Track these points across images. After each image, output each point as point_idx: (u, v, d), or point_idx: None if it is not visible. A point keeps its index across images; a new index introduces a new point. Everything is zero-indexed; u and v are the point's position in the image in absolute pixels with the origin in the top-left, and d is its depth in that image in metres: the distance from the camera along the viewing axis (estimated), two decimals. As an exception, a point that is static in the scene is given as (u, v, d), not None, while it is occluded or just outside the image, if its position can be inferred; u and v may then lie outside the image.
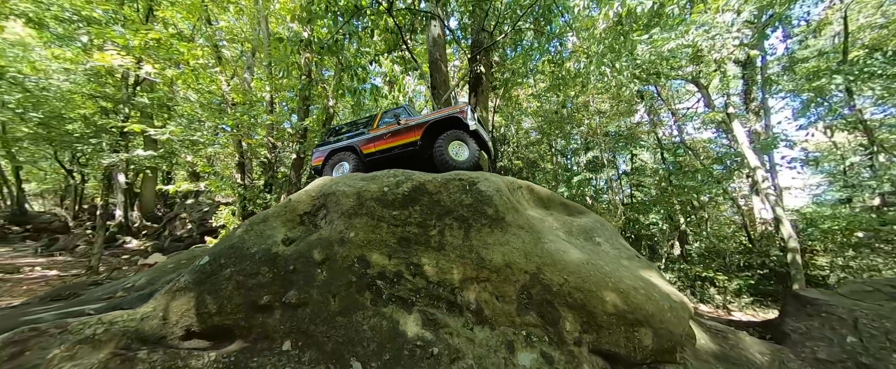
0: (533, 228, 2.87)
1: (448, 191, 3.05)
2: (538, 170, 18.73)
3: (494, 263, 2.65)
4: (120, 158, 9.49)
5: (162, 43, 8.80)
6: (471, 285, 2.64)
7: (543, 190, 3.78)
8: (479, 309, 2.57)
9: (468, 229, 2.85)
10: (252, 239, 2.98)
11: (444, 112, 4.28)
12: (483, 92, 7.61)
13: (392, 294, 2.61)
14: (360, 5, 5.13)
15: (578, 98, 12.50)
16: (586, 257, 2.67)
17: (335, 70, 7.30)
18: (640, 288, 2.55)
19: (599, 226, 3.42)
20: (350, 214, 2.93)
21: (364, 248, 2.77)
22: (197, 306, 2.53)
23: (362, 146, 4.36)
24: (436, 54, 6.76)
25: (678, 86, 17.53)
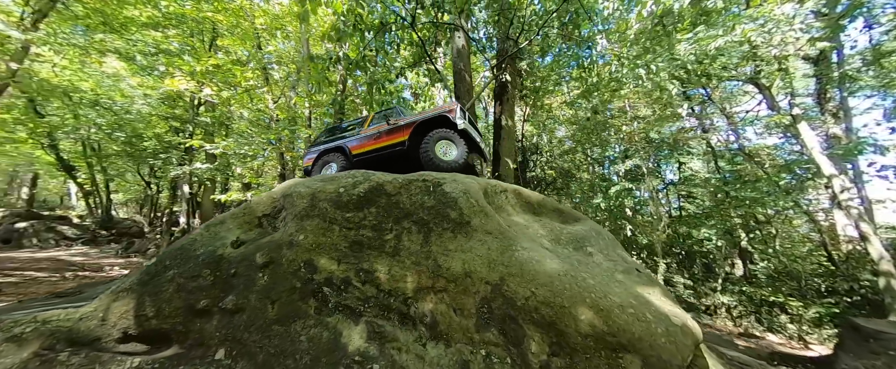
0: (504, 234, 2.59)
1: (409, 193, 2.85)
2: (573, 180, 17.88)
3: (453, 272, 2.39)
4: (184, 171, 10.73)
5: (220, 68, 9.95)
6: (426, 295, 2.39)
7: (534, 194, 3.50)
8: (434, 323, 2.29)
9: (428, 234, 2.63)
10: (203, 240, 2.88)
11: (432, 111, 4.19)
12: (508, 100, 7.49)
13: (339, 302, 2.41)
14: (385, 21, 5.38)
15: (613, 103, 11.83)
16: (566, 268, 2.35)
17: (365, 84, 7.68)
18: (629, 307, 2.18)
19: (594, 235, 3.06)
20: (302, 216, 2.78)
21: (312, 252, 2.59)
22: (136, 308, 2.43)
23: (352, 147, 4.31)
24: (460, 65, 6.82)
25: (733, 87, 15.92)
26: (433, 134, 3.93)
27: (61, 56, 11.09)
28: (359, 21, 5.32)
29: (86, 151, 12.21)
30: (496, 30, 7.56)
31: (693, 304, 10.26)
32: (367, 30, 5.38)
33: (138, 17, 10.97)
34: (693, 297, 10.71)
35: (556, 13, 6.43)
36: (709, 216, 10.42)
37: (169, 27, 11.77)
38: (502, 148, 7.35)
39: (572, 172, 18.24)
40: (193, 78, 9.24)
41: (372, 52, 6.16)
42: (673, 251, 12.89)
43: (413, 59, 6.96)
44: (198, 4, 11.12)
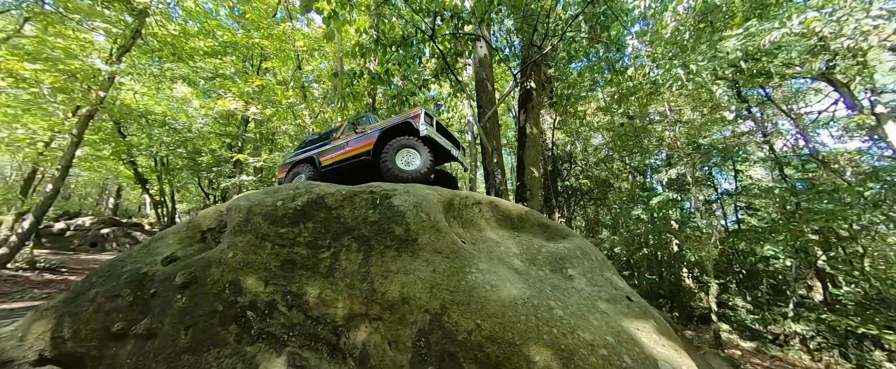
0: (457, 254, 2.24)
1: (352, 206, 2.56)
2: (611, 189, 16.77)
3: (389, 297, 2.06)
4: (233, 182, 11.78)
5: (265, 88, 10.92)
6: (360, 324, 2.08)
7: (515, 207, 3.15)
8: (365, 357, 1.96)
9: (368, 252, 2.33)
10: (136, 256, 2.68)
11: (396, 118, 3.93)
12: (534, 108, 7.28)
13: (262, 329, 2.15)
14: (406, 35, 5.55)
15: (653, 107, 11.01)
16: (529, 294, 1.99)
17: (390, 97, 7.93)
18: (603, 347, 1.76)
19: (579, 255, 2.64)
20: (235, 231, 2.56)
21: (239, 272, 2.34)
22: (54, 329, 2.27)
23: (321, 157, 4.16)
24: (482, 74, 6.79)
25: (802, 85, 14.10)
26: (393, 142, 3.66)
27: (140, 84, 12.89)
28: (381, 36, 5.55)
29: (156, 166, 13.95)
30: (520, 37, 7.46)
31: (758, 332, 8.93)
32: (389, 44, 5.58)
33: (201, 47, 12.49)
34: (758, 324, 9.33)
35: (583, 16, 6.19)
36: (774, 230, 9.13)
37: (225, 54, 13.26)
38: (527, 157, 7.11)
39: (610, 182, 17.14)
40: (242, 98, 10.21)
41: (395, 66, 6.34)
42: (732, 269, 11.44)
43: (436, 70, 7.07)
44: (248, 33, 12.40)
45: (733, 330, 9.11)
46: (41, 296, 6.05)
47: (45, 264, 8.70)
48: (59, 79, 8.46)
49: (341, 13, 4.49)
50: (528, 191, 6.69)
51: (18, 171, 12.54)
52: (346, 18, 4.70)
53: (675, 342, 2.05)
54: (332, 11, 4.34)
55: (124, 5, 8.24)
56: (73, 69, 8.78)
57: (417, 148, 3.68)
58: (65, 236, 15.29)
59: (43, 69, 8.08)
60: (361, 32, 5.29)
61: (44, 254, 10.47)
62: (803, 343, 7.86)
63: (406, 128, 3.82)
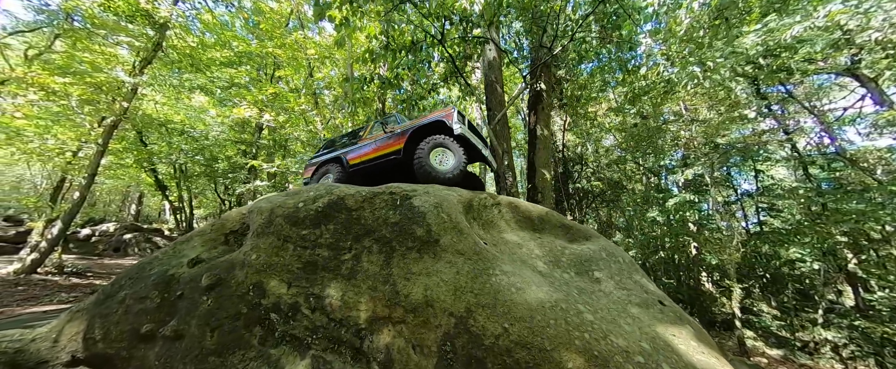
0: (480, 255, 2.18)
1: (373, 208, 2.53)
2: (625, 191, 16.42)
3: (412, 300, 2.01)
4: (248, 188, 12.06)
5: (278, 96, 11.19)
6: (383, 327, 2.03)
7: (535, 208, 3.04)
8: (389, 361, 1.91)
9: (390, 254, 2.28)
10: (162, 259, 2.71)
11: (428, 117, 3.86)
12: (544, 109, 7.22)
13: (285, 331, 2.13)
14: (416, 40, 5.60)
15: (668, 106, 10.75)
16: (556, 298, 1.92)
17: (399, 101, 7.99)
18: (638, 354, 1.67)
19: (605, 257, 2.53)
20: (258, 233, 2.56)
21: (262, 274, 2.33)
22: (86, 330, 2.32)
23: (349, 157, 4.11)
24: (491, 77, 6.78)
25: (826, 81, 13.55)
26: (428, 141, 3.56)
27: (161, 94, 13.41)
28: (391, 42, 5.61)
29: (176, 173, 14.44)
30: (529, 39, 7.43)
31: (785, 339, 8.52)
32: (398, 50, 5.64)
33: (218, 57, 12.93)
34: (785, 330, 8.91)
35: (594, 16, 6.12)
36: (799, 232, 8.74)
37: (241, 64, 13.69)
38: (538, 158, 7.04)
39: (623, 183, 16.79)
40: (256, 106, 10.49)
41: (405, 71, 6.40)
42: (755, 273, 10.99)
43: (445, 73, 7.10)
44: (262, 43, 12.77)
45: (758, 336, 8.72)
46: (68, 300, 6.30)
47: (73, 268, 9.07)
48: (87, 91, 8.89)
49: (353, 20, 4.58)
50: (539, 193, 6.61)
51: (48, 180, 13.19)
52: (356, 25, 4.78)
53: (715, 350, 1.94)
54: (344, 18, 4.43)
55: (146, 20, 8.60)
56: (98, 82, 9.21)
57: (451, 147, 3.61)
58: (90, 241, 15.92)
59: (71, 82, 8.50)
60: (372, 38, 5.37)
61: (71, 259, 10.92)
62: (835, 350, 7.46)
63: (438, 126, 3.75)
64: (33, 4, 10.44)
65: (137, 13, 8.50)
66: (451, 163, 3.57)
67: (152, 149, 12.85)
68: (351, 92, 5.96)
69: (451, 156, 3.59)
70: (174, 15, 10.52)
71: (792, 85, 11.93)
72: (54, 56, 9.88)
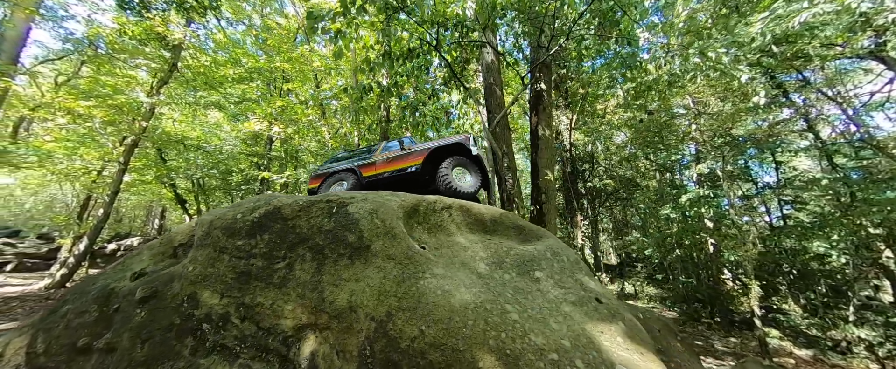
0: (412, 259, 2.23)
1: (309, 216, 2.57)
2: (638, 189, 16.00)
3: (337, 306, 2.05)
4: (260, 199, 12.42)
5: (286, 109, 11.54)
6: (309, 334, 2.08)
7: (491, 210, 3.09)
8: (313, 368, 1.95)
9: (322, 261, 2.32)
10: (109, 273, 2.76)
11: (447, 139, 4.27)
12: (545, 110, 7.16)
13: (216, 341, 2.16)
14: (412, 47, 5.69)
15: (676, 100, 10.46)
16: (483, 299, 1.95)
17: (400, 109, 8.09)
18: (553, 351, 1.72)
19: (549, 257, 2.58)
20: (197, 245, 2.60)
21: (197, 285, 2.37)
22: (29, 344, 2.36)
23: (363, 169, 4.43)
24: (490, 80, 6.79)
25: (851, 65, 12.91)
26: (451, 160, 3.96)
27: (178, 112, 14.04)
28: (387, 50, 5.72)
29: (194, 187, 15.02)
30: (527, 40, 7.42)
31: (815, 338, 8.04)
32: (396, 57, 5.75)
33: (230, 74, 13.48)
34: (815, 329, 8.41)
35: (591, 12, 6.07)
36: (824, 225, 8.31)
37: (251, 80, 14.21)
38: (541, 159, 6.98)
39: (636, 181, 16.38)
40: (266, 119, 10.85)
41: (404, 78, 6.50)
42: (780, 269, 10.45)
43: (445, 78, 7.16)
44: (270, 58, 13.23)
45: (785, 336, 8.27)
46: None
47: (99, 281, 9.52)
48: (109, 113, 9.42)
49: (347, 30, 4.71)
50: (543, 194, 6.53)
51: (77, 199, 13.99)
52: (351, 36, 4.91)
53: (644, 346, 1.97)
54: (338, 31, 4.56)
55: (158, 43, 9.05)
56: (119, 103, 9.75)
57: (469, 167, 4.05)
58: (116, 256, 16.69)
59: (95, 105, 9.03)
60: (368, 48, 5.49)
61: (98, 273, 11.46)
62: (870, 349, 6.99)
63: (457, 148, 4.13)
64: (61, 34, 11.18)
65: (150, 37, 8.97)
66: (469, 181, 3.99)
67: (171, 165, 13.44)
68: (351, 100, 6.08)
69: (469, 175, 4.03)
70: (188, 36, 11.06)
71: (811, 71, 11.42)
72: (79, 81, 10.52)
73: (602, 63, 9.91)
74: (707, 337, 8.74)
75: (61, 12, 10.79)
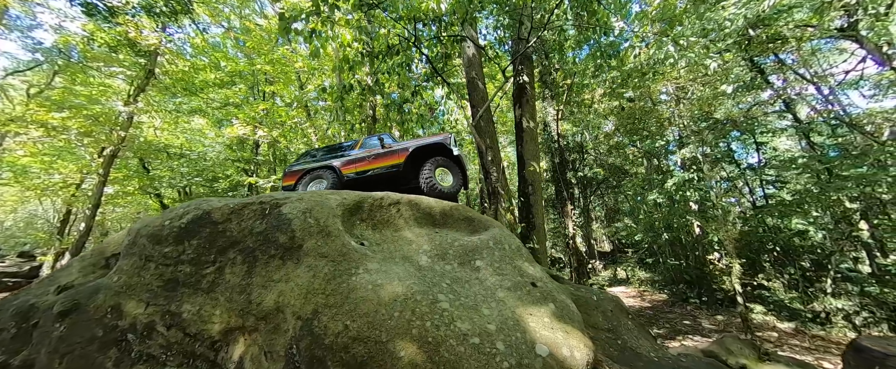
0: (345, 256, 2.25)
1: (239, 219, 2.54)
2: (627, 176, 16.25)
3: (264, 308, 2.07)
4: (249, 204, 12.27)
5: (270, 112, 11.37)
6: (238, 337, 2.10)
7: (441, 204, 3.13)
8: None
9: (253, 263, 2.31)
10: (32, 289, 2.71)
11: (428, 139, 4.26)
12: (528, 102, 7.20)
13: (142, 351, 2.14)
14: (392, 44, 5.65)
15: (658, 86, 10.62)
16: (415, 290, 2.01)
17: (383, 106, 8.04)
18: (475, 336, 1.82)
19: (491, 245, 2.65)
20: (123, 255, 2.56)
21: (121, 295, 2.32)
22: None
23: (342, 166, 4.31)
24: (472, 74, 6.80)
25: (824, 47, 13.23)
26: (433, 160, 3.97)
27: (158, 120, 13.71)
28: (366, 48, 5.67)
29: (180, 196, 14.75)
30: (508, 32, 7.43)
31: (797, 311, 8.35)
32: (375, 55, 5.70)
33: (210, 79, 13.18)
34: (797, 302, 8.73)
35: (568, 2, 6.10)
36: (800, 203, 8.57)
37: (233, 84, 13.93)
38: (526, 151, 7.03)
39: (625, 168, 16.62)
40: (249, 123, 10.68)
41: (385, 76, 6.45)
42: (764, 247, 10.78)
43: (427, 74, 7.14)
44: (251, 60, 12.98)
45: (769, 311, 8.57)
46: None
47: (87, 296, 9.33)
48: (85, 124, 9.16)
49: (322, 30, 4.65)
50: (529, 185, 6.60)
51: (58, 214, 13.61)
52: (327, 35, 4.85)
53: (570, 324, 2.09)
54: (311, 31, 4.50)
55: (131, 49, 8.81)
56: (95, 113, 9.48)
57: (451, 168, 4.05)
58: (105, 269, 16.33)
59: (69, 116, 8.76)
60: (345, 46, 5.44)
61: (86, 287, 11.23)
62: (848, 319, 7.30)
63: (439, 148, 4.12)
64: (29, 44, 10.79)
65: (121, 44, 8.72)
66: (450, 180, 3.98)
67: (155, 174, 13.16)
68: (331, 100, 6.02)
69: (450, 175, 4.02)
70: (163, 41, 10.77)
71: (787, 53, 11.67)
72: (52, 92, 10.19)
73: (586, 53, 10.00)
74: (695, 317, 9.01)
75: (28, 21, 10.41)
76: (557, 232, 18.14)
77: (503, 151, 18.65)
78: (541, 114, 15.14)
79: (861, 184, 7.43)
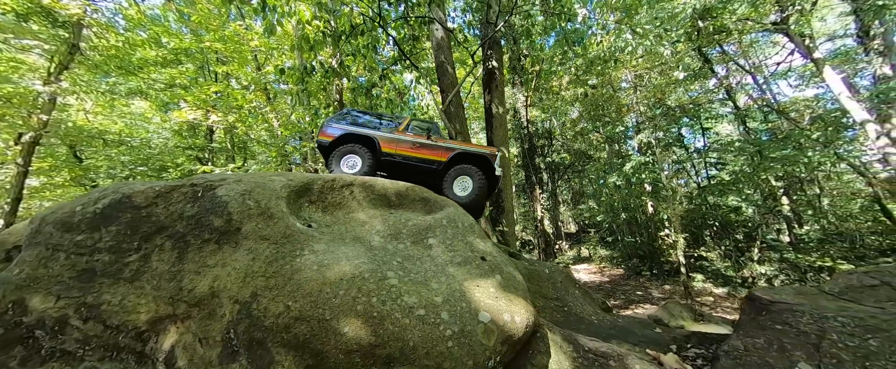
0: (288, 238, 2.25)
1: (167, 203, 2.41)
2: (591, 161, 17.13)
3: (196, 294, 2.03)
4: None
5: (225, 95, 10.47)
6: (168, 326, 2.04)
7: (397, 185, 3.18)
8: (173, 359, 1.93)
9: (184, 249, 2.22)
10: None
11: (477, 147, 4.18)
12: (497, 87, 7.26)
13: (54, 347, 2.01)
14: (354, 24, 5.37)
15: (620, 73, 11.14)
16: (364, 269, 2.06)
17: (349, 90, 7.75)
18: (422, 308, 1.93)
19: (445, 224, 2.76)
20: (26, 245, 2.37)
21: (24, 289, 2.14)
22: None
23: (383, 143, 4.05)
24: (441, 57, 6.69)
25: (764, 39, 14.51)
26: (459, 168, 3.90)
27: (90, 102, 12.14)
28: (327, 27, 5.35)
29: (123, 187, 13.38)
30: (476, 15, 7.35)
31: (730, 278, 9.50)
32: (338, 35, 5.40)
33: (151, 57, 11.79)
34: (731, 270, 9.92)
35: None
36: (735, 182, 9.57)
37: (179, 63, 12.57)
38: (495, 136, 7.15)
39: (589, 153, 17.48)
40: (200, 107, 9.78)
41: (351, 58, 6.17)
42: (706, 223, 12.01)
43: (394, 58, 6.92)
44: (198, 37, 11.75)
45: (707, 278, 9.65)
46: None
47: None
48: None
49: (275, 4, 4.29)
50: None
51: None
52: (282, 9, 4.49)
53: (514, 293, 2.27)
54: (261, 3, 4.13)
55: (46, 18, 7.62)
56: (6, 93, 8.18)
57: (474, 178, 3.89)
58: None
59: (-28, 97, 7.48)
60: (305, 24, 5.09)
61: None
62: (769, 282, 8.43)
63: (481, 160, 4.02)
64: None
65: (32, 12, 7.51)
66: (464, 194, 3.86)
67: (89, 164, 11.76)
68: (293, 83, 5.67)
69: (471, 187, 3.89)
70: (88, 11, 9.40)
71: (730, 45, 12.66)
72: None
73: (554, 40, 10.19)
74: (646, 288, 9.94)
75: None
76: (527, 215, 18.89)
77: (475, 137, 18.78)
78: (511, 101, 15.35)
79: (784, 164, 8.43)
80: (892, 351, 1.98)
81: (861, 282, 2.68)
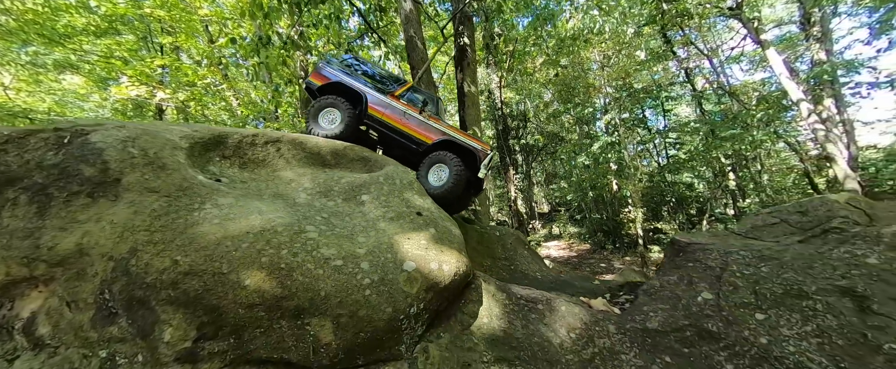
0: (185, 191, 2.08)
1: (21, 150, 2.08)
2: (563, 142, 17.61)
3: (58, 252, 1.81)
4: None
5: (170, 68, 9.49)
6: (26, 291, 1.83)
7: (330, 143, 3.08)
8: (33, 326, 1.74)
9: (46, 203, 1.96)
10: None
11: (470, 139, 3.76)
12: (469, 65, 7.13)
13: None
14: (315, -9, 4.98)
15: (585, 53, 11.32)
16: (278, 223, 1.98)
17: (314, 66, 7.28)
18: (340, 259, 1.89)
19: (381, 181, 2.74)
20: None
21: None
22: None
23: (372, 105, 3.65)
24: (410, 32, 6.41)
25: (722, 25, 15.25)
26: (436, 155, 3.53)
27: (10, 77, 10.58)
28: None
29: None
30: (446, -12, 7.06)
31: (682, 249, 10.37)
32: (296, 3, 4.99)
33: (81, 24, 10.34)
34: (683, 242, 10.82)
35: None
36: (688, 160, 10.27)
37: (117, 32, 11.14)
38: (468, 115, 7.10)
39: (561, 135, 17.94)
40: (143, 82, 8.83)
41: (312, 29, 5.76)
42: (664, 199, 12.91)
43: (362, 30, 6.55)
44: (137, 3, 10.42)
45: (663, 249, 10.47)
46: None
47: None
48: None
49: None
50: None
51: None
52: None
53: (446, 245, 2.31)
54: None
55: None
56: None
57: (450, 167, 3.52)
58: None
59: None
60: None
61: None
62: (714, 251, 9.29)
63: (468, 154, 3.61)
64: None
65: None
66: (437, 183, 3.47)
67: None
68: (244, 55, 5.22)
69: (445, 175, 3.52)
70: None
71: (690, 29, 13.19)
72: None
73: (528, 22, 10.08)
74: (610, 260, 10.65)
75: None
76: (502, 196, 19.28)
77: (449, 119, 18.58)
78: (485, 82, 15.21)
79: (733, 142, 9.13)
80: (778, 275, 2.25)
81: (764, 222, 3.03)
